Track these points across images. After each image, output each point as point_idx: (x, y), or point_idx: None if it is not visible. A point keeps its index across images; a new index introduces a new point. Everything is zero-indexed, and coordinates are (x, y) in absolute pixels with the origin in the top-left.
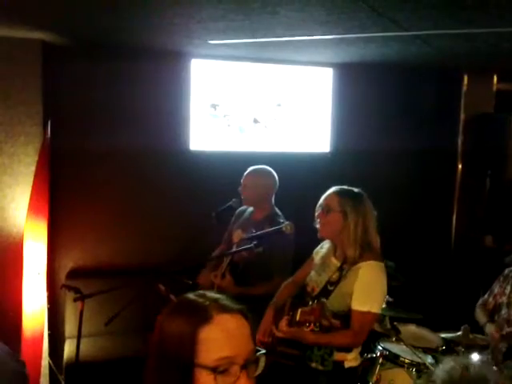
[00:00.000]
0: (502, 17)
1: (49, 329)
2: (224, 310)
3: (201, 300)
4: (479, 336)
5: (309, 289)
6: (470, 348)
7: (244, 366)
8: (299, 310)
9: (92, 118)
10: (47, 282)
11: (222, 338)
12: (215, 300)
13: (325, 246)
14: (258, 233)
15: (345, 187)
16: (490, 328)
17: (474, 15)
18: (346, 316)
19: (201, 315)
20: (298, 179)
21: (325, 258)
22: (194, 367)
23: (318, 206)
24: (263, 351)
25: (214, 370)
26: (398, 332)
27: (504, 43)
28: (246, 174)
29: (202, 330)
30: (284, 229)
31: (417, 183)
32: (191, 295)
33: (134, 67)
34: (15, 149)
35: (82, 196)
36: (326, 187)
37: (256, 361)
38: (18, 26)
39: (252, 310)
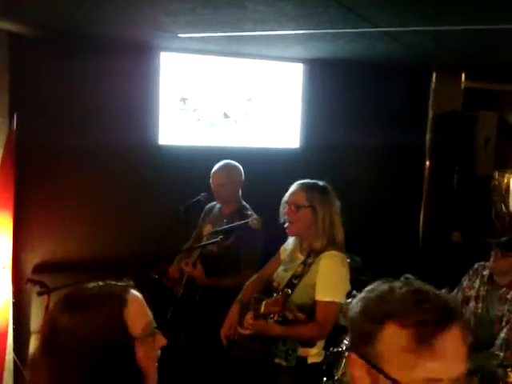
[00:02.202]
0: (468, 14)
1: (14, 324)
2: (127, 289)
3: (104, 289)
4: None
5: (275, 284)
6: None
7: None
8: (263, 302)
9: (59, 111)
10: (12, 276)
11: (139, 310)
12: (112, 285)
13: (290, 242)
14: (226, 226)
15: (309, 181)
16: None
17: (442, 12)
18: (310, 309)
19: (118, 301)
20: (267, 174)
21: (291, 255)
22: (133, 344)
23: (283, 202)
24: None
25: (146, 336)
26: None
27: (472, 41)
28: (216, 172)
29: (125, 312)
30: (251, 223)
31: (385, 179)
32: (81, 290)
33: (103, 60)
34: None
35: (49, 190)
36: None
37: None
38: None
39: (219, 304)
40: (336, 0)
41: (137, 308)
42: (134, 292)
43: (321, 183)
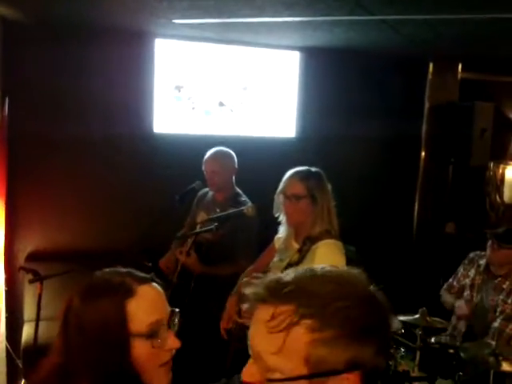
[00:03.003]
0: (466, 4)
1: (6, 312)
2: (142, 281)
3: (117, 277)
4: (437, 319)
5: (271, 273)
6: (428, 331)
7: (168, 326)
8: None
9: (52, 98)
10: (5, 265)
11: (148, 305)
12: (129, 274)
13: (282, 230)
14: (220, 214)
15: (302, 169)
16: (460, 303)
17: (439, 1)
18: None
19: (124, 291)
20: (263, 164)
21: (286, 243)
22: (130, 339)
23: (278, 193)
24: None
25: (150, 335)
26: None
27: (468, 31)
28: (209, 159)
29: (129, 304)
30: (245, 211)
31: (381, 169)
32: (101, 275)
33: (97, 47)
34: None
35: (42, 178)
36: None
37: (174, 318)
38: None
39: (214, 291)
40: None
41: (144, 303)
42: (150, 286)
43: (314, 170)
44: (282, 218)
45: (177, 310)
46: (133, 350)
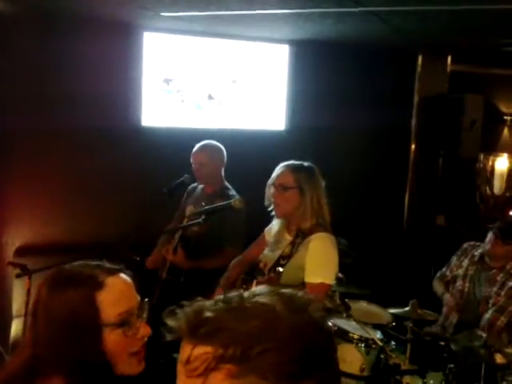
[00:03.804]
0: None
1: None
2: (111, 272)
3: (86, 269)
4: (427, 311)
5: (261, 265)
6: (419, 323)
7: (138, 315)
8: (254, 282)
9: (40, 92)
10: None
11: (117, 296)
12: (99, 266)
13: (276, 224)
14: (208, 207)
15: (295, 162)
16: (446, 297)
17: None
18: (299, 289)
19: (93, 283)
20: (252, 157)
21: (277, 235)
22: (102, 329)
23: (269, 185)
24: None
25: (121, 324)
26: (348, 308)
27: (457, 22)
28: (197, 151)
29: (98, 296)
30: (233, 204)
31: (371, 162)
32: (70, 267)
33: (85, 39)
34: None
35: (31, 172)
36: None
37: (144, 307)
38: None
39: (205, 285)
40: None
41: (113, 293)
42: (119, 277)
43: (306, 164)
44: (273, 208)
45: (146, 299)
46: (105, 340)
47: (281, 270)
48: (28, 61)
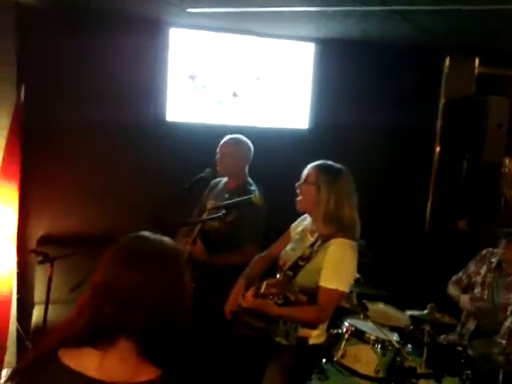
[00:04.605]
0: None
1: (18, 294)
2: None
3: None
4: (445, 315)
5: (281, 262)
6: (437, 327)
7: None
8: (264, 282)
9: (66, 85)
10: (17, 247)
11: None
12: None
13: (304, 223)
14: (228, 202)
15: (327, 162)
16: (464, 297)
17: None
18: (314, 293)
19: None
20: (275, 155)
21: (302, 234)
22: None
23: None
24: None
25: None
26: (365, 309)
27: (485, 23)
28: (223, 142)
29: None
30: (253, 199)
31: (394, 163)
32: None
33: (112, 35)
34: None
35: (55, 164)
36: (304, 164)
37: None
38: None
39: (222, 278)
40: None
41: None
42: None
43: (337, 166)
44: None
45: None
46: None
47: (291, 274)
48: (55, 56)
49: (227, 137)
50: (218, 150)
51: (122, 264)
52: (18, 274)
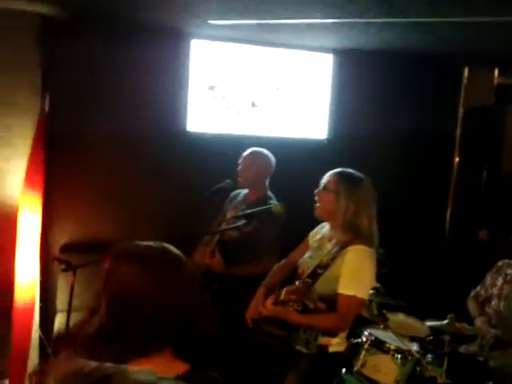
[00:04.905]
0: (504, 6)
1: (40, 301)
2: None
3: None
4: (465, 325)
5: (299, 271)
6: (457, 337)
7: None
8: (284, 290)
9: (90, 95)
10: (40, 255)
11: None
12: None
13: (322, 231)
14: (247, 211)
15: (348, 170)
16: (478, 321)
17: (475, 3)
18: (332, 300)
19: None
20: (294, 165)
21: (319, 242)
22: None
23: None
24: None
25: None
26: (385, 319)
27: (504, 34)
28: (246, 154)
29: None
30: (274, 209)
31: (413, 172)
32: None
33: (135, 45)
34: (13, 121)
35: (78, 173)
36: (322, 174)
37: None
38: None
39: (241, 289)
40: None
41: None
42: None
43: (357, 174)
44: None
45: None
46: None
47: (310, 281)
48: (78, 64)
49: (249, 149)
50: (240, 161)
51: (151, 275)
52: (40, 281)
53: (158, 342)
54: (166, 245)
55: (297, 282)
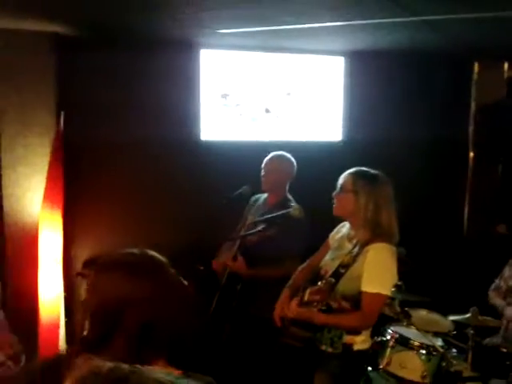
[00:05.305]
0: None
1: (66, 316)
2: None
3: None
4: (488, 318)
5: (322, 272)
6: (480, 330)
7: None
8: (308, 290)
9: (104, 109)
10: (63, 271)
11: None
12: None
13: (342, 230)
14: (267, 216)
15: (363, 168)
16: (509, 310)
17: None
18: (356, 299)
19: None
20: (310, 168)
21: (340, 242)
22: None
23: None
24: None
25: None
26: (408, 316)
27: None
28: (267, 159)
29: None
30: (292, 212)
31: (429, 171)
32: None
33: (145, 58)
34: (30, 140)
35: (97, 187)
36: (339, 175)
37: None
38: (32, 18)
39: (262, 294)
40: None
41: None
42: None
43: (373, 171)
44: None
45: None
46: None
47: (333, 280)
48: (93, 81)
49: (271, 154)
50: (262, 166)
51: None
52: (65, 297)
53: (150, 348)
54: (149, 251)
55: (319, 283)
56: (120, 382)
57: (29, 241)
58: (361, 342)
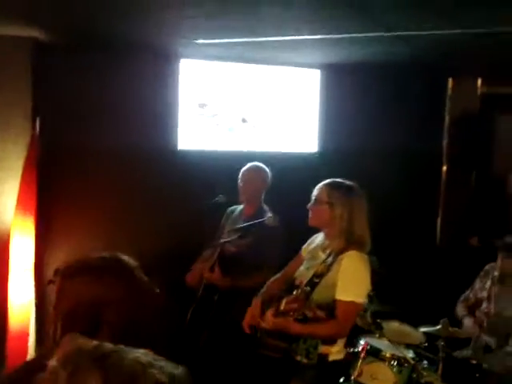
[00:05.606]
0: (483, 18)
1: (36, 325)
2: None
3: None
4: (459, 329)
5: (297, 282)
6: (451, 341)
7: None
8: (284, 300)
9: (81, 116)
10: (35, 278)
11: None
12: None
13: (315, 241)
14: (243, 225)
15: (337, 180)
16: (468, 321)
17: (456, 16)
18: (331, 308)
19: None
20: (286, 178)
21: (313, 253)
22: None
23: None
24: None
25: None
26: (380, 328)
27: (487, 45)
28: (246, 169)
29: None
30: (267, 221)
31: (403, 183)
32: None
33: (123, 66)
34: (5, 144)
35: (72, 193)
36: (314, 186)
37: None
38: (10, 23)
39: (239, 303)
40: (349, 4)
41: None
42: None
43: (347, 182)
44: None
45: None
46: None
47: (308, 289)
48: (68, 86)
49: (248, 164)
50: (239, 177)
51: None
52: (36, 305)
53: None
54: (119, 254)
55: (294, 292)
56: (102, 358)
57: (1, 247)
58: (336, 352)
